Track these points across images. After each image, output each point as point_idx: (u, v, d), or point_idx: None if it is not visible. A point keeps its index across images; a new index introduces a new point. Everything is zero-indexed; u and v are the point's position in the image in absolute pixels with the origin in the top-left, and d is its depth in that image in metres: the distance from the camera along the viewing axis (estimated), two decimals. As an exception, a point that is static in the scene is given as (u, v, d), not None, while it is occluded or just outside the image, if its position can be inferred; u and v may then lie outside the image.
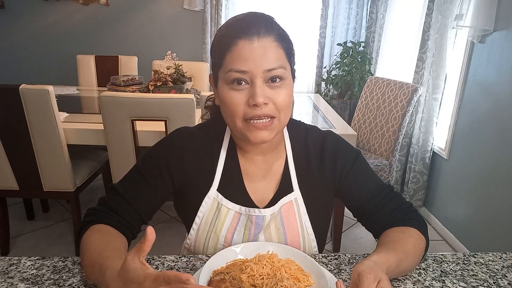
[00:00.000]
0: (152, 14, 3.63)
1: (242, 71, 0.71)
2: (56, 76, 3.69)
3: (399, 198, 0.86)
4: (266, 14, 0.76)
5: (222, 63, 0.73)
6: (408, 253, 0.73)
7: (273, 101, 0.73)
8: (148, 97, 1.74)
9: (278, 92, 0.73)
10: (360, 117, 2.77)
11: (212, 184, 0.84)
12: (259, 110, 0.72)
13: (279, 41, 0.73)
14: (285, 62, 0.74)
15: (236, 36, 0.71)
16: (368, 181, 0.86)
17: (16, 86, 1.71)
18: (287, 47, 0.75)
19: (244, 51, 0.70)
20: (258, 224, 0.83)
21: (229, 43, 0.72)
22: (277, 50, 0.72)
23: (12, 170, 1.94)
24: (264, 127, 0.74)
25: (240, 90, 0.73)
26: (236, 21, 0.74)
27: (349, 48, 3.42)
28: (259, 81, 0.71)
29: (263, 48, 0.71)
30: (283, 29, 0.76)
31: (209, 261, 0.70)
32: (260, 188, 0.86)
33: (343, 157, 0.86)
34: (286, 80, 0.74)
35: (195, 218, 0.84)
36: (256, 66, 0.70)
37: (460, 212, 2.35)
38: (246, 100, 0.72)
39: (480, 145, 2.17)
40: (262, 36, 0.71)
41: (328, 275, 0.71)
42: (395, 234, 0.79)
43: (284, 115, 0.76)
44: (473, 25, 2.14)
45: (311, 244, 0.86)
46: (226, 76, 0.73)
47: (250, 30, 0.71)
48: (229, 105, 0.74)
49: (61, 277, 0.74)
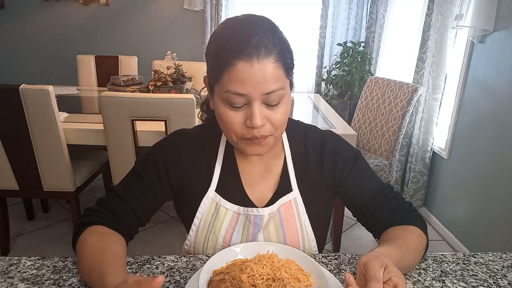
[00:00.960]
0: (152, 14, 3.63)
1: (240, 94, 0.69)
2: (56, 76, 3.69)
3: (399, 198, 0.86)
4: (266, 21, 0.72)
5: (219, 80, 0.71)
6: (410, 249, 0.74)
7: (270, 121, 0.72)
8: (148, 97, 1.74)
9: (275, 112, 0.72)
10: (360, 117, 2.77)
11: (210, 185, 0.84)
12: (256, 132, 0.72)
13: (279, 60, 0.69)
14: (284, 80, 0.72)
15: (234, 56, 0.67)
16: (368, 181, 0.86)
17: (16, 86, 1.71)
18: (287, 63, 0.72)
19: (242, 74, 0.67)
20: (256, 223, 0.83)
21: (227, 62, 0.68)
22: (277, 71, 0.69)
23: (12, 170, 1.94)
24: (259, 142, 0.74)
25: (237, 111, 0.72)
26: (234, 34, 0.69)
27: (349, 48, 3.42)
28: (257, 103, 0.70)
29: (263, 71, 0.68)
30: (284, 40, 0.72)
31: (209, 261, 0.70)
32: (258, 188, 0.86)
33: (343, 157, 0.86)
34: (285, 98, 0.73)
35: (194, 219, 0.85)
36: (254, 89, 0.68)
37: (460, 212, 2.35)
38: (243, 120, 0.72)
39: (480, 145, 2.17)
40: (262, 58, 0.67)
41: (328, 275, 0.71)
42: (396, 231, 0.79)
43: (280, 131, 0.76)
44: (473, 25, 2.14)
45: (311, 243, 0.86)
46: (223, 95, 0.71)
47: (250, 51, 0.67)
48: (226, 122, 0.73)
49: (61, 277, 0.74)
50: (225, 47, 0.69)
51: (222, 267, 0.71)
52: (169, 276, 0.75)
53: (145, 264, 0.79)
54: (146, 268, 0.78)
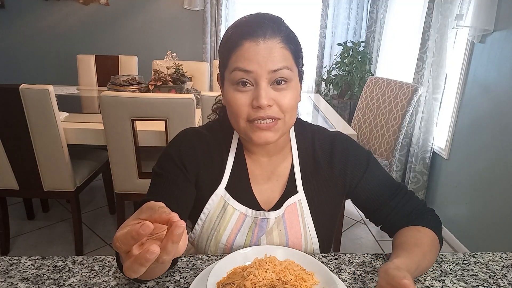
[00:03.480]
0: (152, 14, 3.63)
1: (246, 71, 0.70)
2: (56, 76, 3.69)
3: (414, 199, 0.86)
4: (275, 15, 0.75)
5: (228, 63, 0.73)
6: (426, 254, 0.74)
7: (278, 103, 0.72)
8: (148, 97, 1.74)
9: (283, 94, 0.72)
10: (360, 117, 2.77)
11: (221, 182, 0.84)
12: (262, 112, 0.72)
13: (285, 43, 0.72)
14: (292, 63, 0.73)
15: (242, 37, 0.70)
16: (381, 185, 0.86)
17: (16, 86, 1.71)
18: (295, 49, 0.74)
19: (249, 52, 0.70)
20: (261, 227, 0.83)
21: (235, 44, 0.71)
22: (283, 51, 0.71)
23: (12, 170, 1.94)
24: (268, 128, 0.73)
25: (244, 92, 0.72)
26: (243, 22, 0.73)
27: (349, 48, 3.42)
28: (263, 82, 0.71)
29: (269, 49, 0.70)
30: (291, 31, 0.75)
31: (213, 269, 0.67)
32: (266, 190, 0.86)
33: (354, 161, 0.85)
34: (292, 82, 0.74)
35: (201, 215, 0.84)
36: (260, 66, 0.69)
37: (460, 212, 2.35)
38: (250, 101, 0.72)
39: (480, 145, 2.17)
40: (268, 38, 0.70)
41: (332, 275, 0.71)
42: (411, 234, 0.79)
43: (289, 117, 0.75)
44: (473, 25, 2.14)
45: (313, 246, 0.85)
46: (231, 76, 0.72)
47: (256, 32, 0.70)
48: (234, 106, 0.73)
49: (61, 276, 0.74)
50: (234, 33, 0.72)
51: (223, 277, 0.69)
52: (169, 276, 0.75)
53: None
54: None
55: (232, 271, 0.71)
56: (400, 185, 0.87)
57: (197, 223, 0.85)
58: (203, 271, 0.74)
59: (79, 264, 0.77)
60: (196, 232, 0.86)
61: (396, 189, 0.86)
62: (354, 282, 0.75)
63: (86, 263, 0.78)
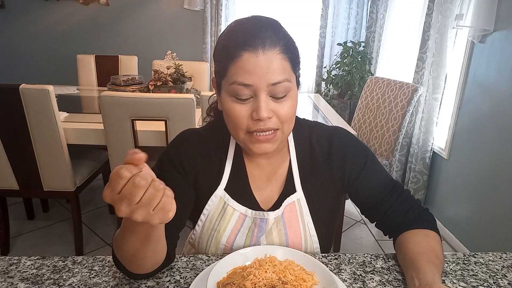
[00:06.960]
0: (152, 14, 3.63)
1: (246, 85, 0.69)
2: (56, 76, 3.69)
3: (410, 198, 0.86)
4: (272, 20, 0.73)
5: (226, 73, 0.72)
6: (442, 259, 0.76)
7: (277, 114, 0.72)
8: (148, 97, 1.74)
9: (282, 105, 0.72)
10: (360, 117, 2.77)
11: (220, 183, 0.84)
12: (262, 124, 0.71)
13: (284, 53, 0.70)
14: (290, 73, 0.72)
15: (240, 47, 0.68)
16: (379, 182, 0.86)
17: (16, 86, 1.71)
18: (293, 57, 0.73)
19: (248, 64, 0.68)
20: (261, 227, 0.83)
21: (233, 55, 0.69)
22: (282, 63, 0.70)
23: (12, 170, 1.94)
24: (267, 140, 0.73)
25: (243, 104, 0.71)
26: (241, 29, 0.71)
27: (349, 48, 3.42)
28: (263, 94, 0.70)
29: (268, 61, 0.68)
30: (289, 37, 0.73)
31: (213, 269, 0.67)
32: (265, 190, 0.86)
33: (352, 157, 0.85)
34: (291, 91, 0.73)
35: (201, 216, 0.85)
36: (260, 80, 0.68)
37: (460, 212, 2.35)
38: (250, 113, 0.72)
39: (480, 145, 2.17)
40: (268, 48, 0.68)
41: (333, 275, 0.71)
42: (423, 240, 0.78)
43: (287, 126, 0.75)
44: (473, 25, 2.14)
45: (313, 245, 0.85)
46: (230, 88, 0.71)
47: (255, 42, 0.68)
48: (232, 117, 0.73)
49: (61, 276, 0.74)
50: (231, 41, 0.70)
51: (223, 277, 0.69)
52: (169, 276, 0.75)
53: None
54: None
55: (232, 271, 0.71)
56: (397, 183, 0.88)
57: (197, 224, 0.85)
58: (203, 271, 0.74)
59: (79, 264, 0.77)
60: (197, 233, 0.86)
61: (394, 186, 0.86)
62: (354, 282, 0.75)
63: (86, 263, 0.78)
